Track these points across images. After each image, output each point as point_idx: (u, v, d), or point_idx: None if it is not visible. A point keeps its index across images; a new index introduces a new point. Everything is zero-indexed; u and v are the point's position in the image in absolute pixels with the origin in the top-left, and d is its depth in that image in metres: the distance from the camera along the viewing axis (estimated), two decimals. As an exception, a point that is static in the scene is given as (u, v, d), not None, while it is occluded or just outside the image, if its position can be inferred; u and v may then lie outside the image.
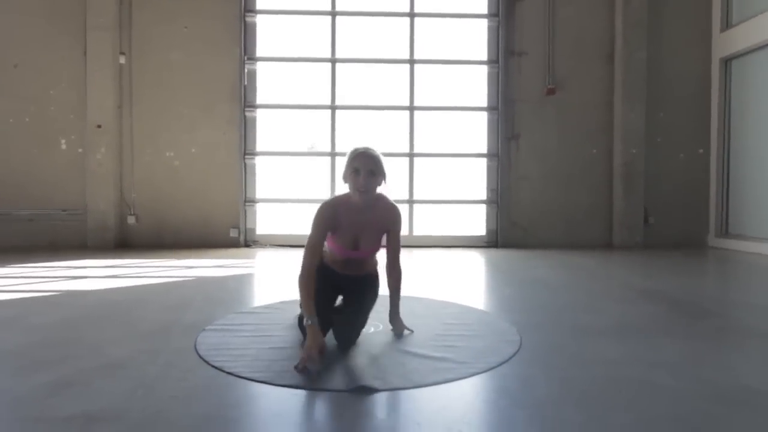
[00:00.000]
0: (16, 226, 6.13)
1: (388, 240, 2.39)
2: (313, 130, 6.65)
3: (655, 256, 5.56)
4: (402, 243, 2.52)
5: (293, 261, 5.23)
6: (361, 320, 2.36)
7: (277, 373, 1.94)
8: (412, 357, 2.14)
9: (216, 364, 2.02)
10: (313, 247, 2.22)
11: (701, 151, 6.66)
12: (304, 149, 6.72)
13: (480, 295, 3.76)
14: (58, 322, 2.67)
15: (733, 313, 3.03)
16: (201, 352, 2.17)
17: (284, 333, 2.50)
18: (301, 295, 2.15)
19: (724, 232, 6.49)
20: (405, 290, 3.43)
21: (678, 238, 6.51)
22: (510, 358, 2.15)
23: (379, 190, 2.29)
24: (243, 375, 1.91)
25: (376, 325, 2.59)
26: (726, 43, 6.44)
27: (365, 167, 2.18)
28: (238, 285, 3.94)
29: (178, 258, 5.23)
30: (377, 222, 2.34)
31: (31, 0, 6.14)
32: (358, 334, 2.33)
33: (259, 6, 6.44)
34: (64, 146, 6.24)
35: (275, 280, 4.19)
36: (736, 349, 2.39)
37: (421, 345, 2.30)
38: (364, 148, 2.25)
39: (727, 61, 6.51)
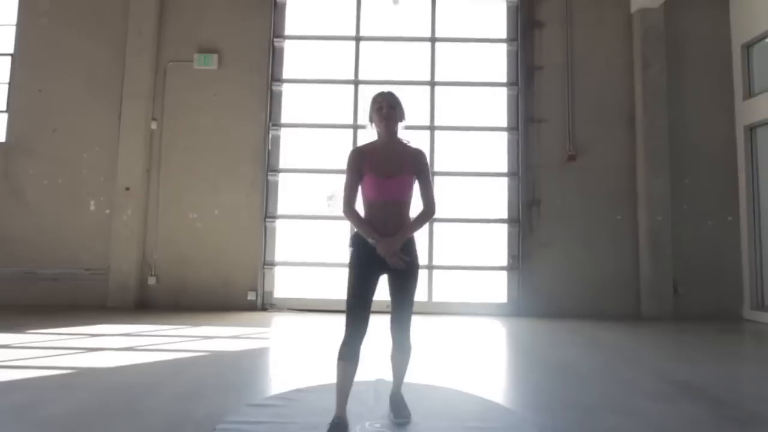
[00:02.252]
0: (40, 284, 6.23)
1: (420, 186, 2.56)
2: (333, 185, 6.76)
3: (688, 332, 5.29)
4: (420, 310, 2.59)
5: (308, 328, 5.14)
6: (412, 294, 2.55)
7: (288, 498, 1.82)
8: (432, 478, 2.00)
9: (225, 482, 1.92)
10: (348, 186, 2.52)
11: (730, 218, 6.47)
12: (324, 203, 6.78)
13: (503, 382, 3.58)
14: (70, 415, 2.61)
15: (781, 419, 2.80)
16: (211, 463, 2.07)
17: (298, 436, 2.38)
18: (354, 225, 2.51)
19: (760, 304, 6.17)
20: (423, 374, 3.31)
21: (710, 310, 6.21)
22: (538, 481, 1.99)
23: (400, 130, 2.57)
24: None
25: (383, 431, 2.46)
26: (749, 111, 6.39)
27: (386, 102, 2.52)
28: (253, 364, 3.85)
29: (195, 324, 5.19)
30: (405, 159, 2.52)
31: (72, 69, 6.53)
32: (411, 312, 2.55)
33: (285, 75, 6.69)
34: (92, 207, 6.42)
35: (290, 356, 4.09)
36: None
37: (441, 459, 2.16)
38: (384, 91, 2.59)
39: (751, 129, 6.43)
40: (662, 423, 2.66)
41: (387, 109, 2.51)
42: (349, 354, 2.41)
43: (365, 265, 2.47)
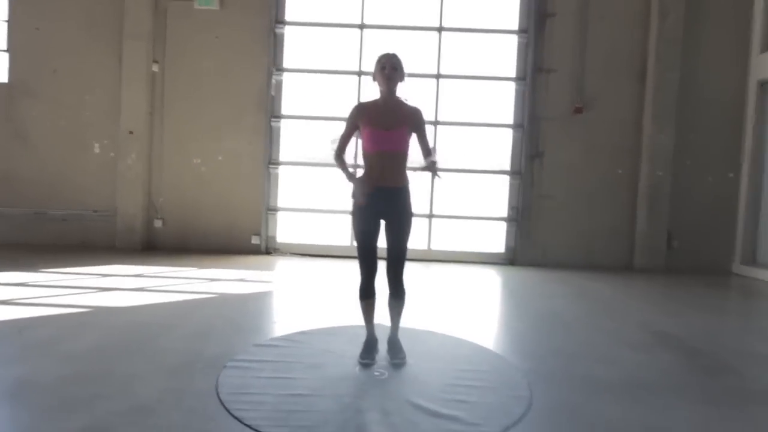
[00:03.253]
0: (50, 225, 6.40)
1: (419, 140, 2.79)
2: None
3: (677, 285, 5.49)
4: (419, 257, 2.85)
5: (310, 273, 5.35)
6: (406, 242, 2.76)
7: (293, 429, 2.03)
8: (423, 414, 2.21)
9: (236, 414, 2.13)
10: (342, 136, 2.82)
11: (731, 175, 6.49)
12: (328, 147, 6.81)
13: (494, 329, 3.79)
14: (89, 350, 2.83)
15: (753, 371, 2.99)
16: (222, 397, 2.28)
17: (303, 375, 2.59)
18: (340, 169, 2.79)
19: (751, 260, 6.33)
20: (420, 318, 3.52)
21: (702, 264, 6.38)
22: (519, 419, 2.19)
23: (400, 90, 2.76)
24: (261, 430, 2.01)
25: (381, 372, 2.67)
26: (764, 65, 6.22)
27: (390, 63, 2.72)
28: (259, 307, 4.06)
29: (201, 266, 5.40)
30: (403, 114, 2.75)
31: (70, 9, 6.33)
32: (404, 257, 2.77)
33: (288, 18, 6.49)
34: (97, 150, 6.46)
35: (293, 300, 4.30)
36: (751, 420, 2.38)
37: (432, 398, 2.37)
38: (388, 52, 2.77)
39: (764, 84, 6.30)
40: (638, 371, 2.87)
41: (389, 70, 2.71)
42: (366, 293, 2.80)
43: (366, 213, 2.72)
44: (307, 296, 4.41)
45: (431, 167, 2.65)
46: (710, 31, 6.38)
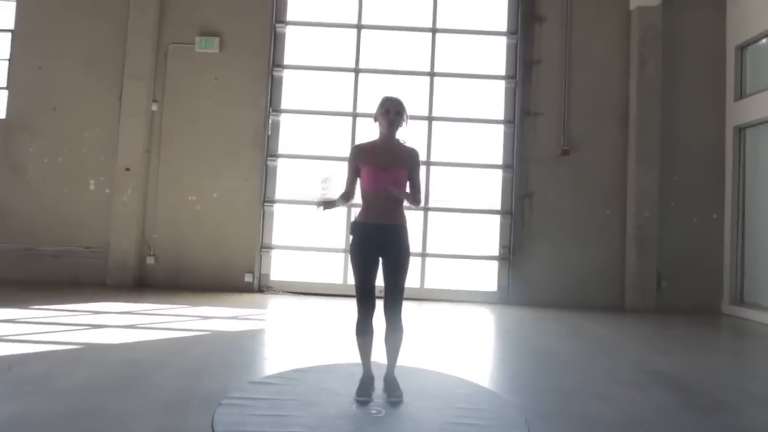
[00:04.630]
0: (41, 260, 6.34)
1: (410, 180, 2.87)
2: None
3: (668, 324, 5.54)
4: (413, 296, 2.85)
5: (304, 311, 5.32)
6: (403, 279, 2.80)
7: (291, 467, 2.00)
8: (422, 453, 2.19)
9: (233, 452, 2.09)
10: (347, 182, 2.88)
11: (715, 216, 6.68)
12: (320, 189, 6.89)
13: (490, 368, 3.78)
14: (81, 387, 2.78)
15: (749, 409, 3.01)
16: (218, 435, 2.25)
17: (299, 413, 2.56)
18: (341, 202, 2.84)
19: (739, 300, 6.43)
20: (416, 358, 3.50)
21: (691, 304, 6.47)
22: (518, 458, 2.18)
23: (400, 132, 2.87)
24: (259, 468, 1.98)
25: (378, 410, 2.65)
26: (739, 111, 6.55)
27: (393, 107, 2.81)
28: (252, 344, 4.02)
29: (194, 304, 5.35)
30: (401, 155, 2.84)
31: (72, 48, 6.53)
32: (402, 295, 2.81)
33: (286, 61, 6.74)
34: (92, 186, 6.50)
35: (287, 338, 4.27)
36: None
37: (431, 436, 2.35)
38: (393, 96, 2.87)
39: (741, 129, 6.61)
40: (635, 409, 2.87)
41: (393, 115, 2.81)
42: (363, 330, 2.80)
43: (364, 250, 2.77)
44: (301, 334, 4.38)
45: (406, 195, 2.78)
46: (688, 79, 6.74)
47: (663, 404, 2.99)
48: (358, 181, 2.87)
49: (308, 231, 6.80)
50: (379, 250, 2.77)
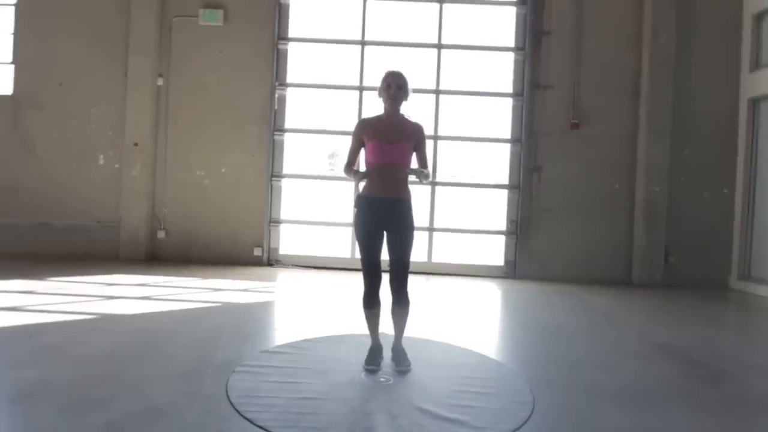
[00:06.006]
0: (54, 235, 6.44)
1: (417, 155, 2.90)
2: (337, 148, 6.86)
3: (675, 298, 5.56)
4: (420, 270, 2.89)
5: (312, 284, 5.40)
6: (408, 253, 2.82)
7: (303, 430, 2.08)
8: (430, 418, 2.26)
9: (247, 416, 2.17)
10: (350, 151, 2.92)
11: (726, 191, 6.61)
12: (327, 165, 6.93)
13: (496, 339, 3.85)
14: (100, 354, 2.87)
15: (749, 380, 3.06)
16: (233, 399, 2.33)
17: (310, 380, 2.64)
18: (351, 176, 2.92)
19: (747, 275, 6.42)
20: (423, 329, 3.57)
21: (699, 279, 6.46)
22: (523, 424, 2.25)
23: (404, 107, 2.88)
24: (273, 431, 2.06)
25: (387, 378, 2.72)
26: (755, 83, 6.40)
27: (395, 82, 2.82)
28: (263, 315, 4.11)
29: (205, 277, 5.44)
30: (405, 129, 2.85)
31: (77, 23, 6.47)
32: (407, 268, 2.83)
33: (291, 34, 6.66)
34: (102, 161, 6.54)
35: (298, 310, 4.35)
36: (747, 426, 2.43)
37: (438, 403, 2.42)
38: (394, 70, 2.87)
39: (755, 102, 6.47)
40: (638, 379, 2.93)
41: (395, 90, 2.82)
42: (370, 303, 2.86)
43: (368, 223, 2.80)
44: (310, 306, 4.46)
45: (418, 172, 2.80)
46: (701, 50, 6.57)
47: (666, 374, 3.05)
48: (363, 154, 2.90)
49: (316, 205, 6.84)
50: (383, 223, 2.80)
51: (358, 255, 2.92)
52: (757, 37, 6.47)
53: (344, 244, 6.61)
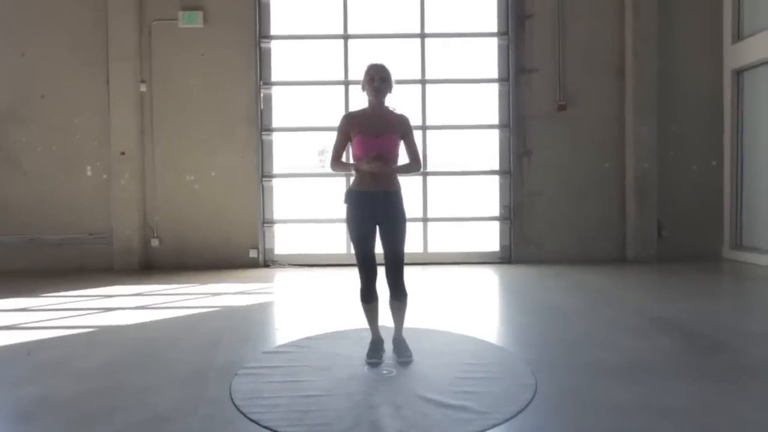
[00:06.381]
0: (45, 250, 6.39)
1: (406, 146, 2.89)
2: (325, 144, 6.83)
3: (669, 272, 5.62)
4: (416, 260, 2.91)
5: (310, 282, 5.40)
6: (401, 245, 2.82)
7: (309, 427, 2.09)
8: (433, 406, 2.28)
9: (252, 417, 2.18)
10: (336, 146, 2.90)
11: (714, 163, 6.67)
12: (317, 161, 6.92)
13: (495, 324, 3.87)
14: (101, 367, 2.86)
15: (746, 348, 3.10)
16: (237, 402, 2.33)
17: (313, 377, 2.65)
18: (341, 169, 2.98)
19: (739, 244, 6.50)
20: (422, 318, 3.58)
21: (692, 251, 6.53)
22: (526, 406, 2.27)
23: (388, 99, 2.87)
24: (279, 430, 2.07)
25: (390, 370, 2.73)
26: (737, 54, 6.44)
27: (378, 74, 2.81)
28: (263, 317, 4.10)
29: (201, 282, 5.43)
30: (392, 122, 2.84)
31: (54, 34, 6.38)
32: (402, 260, 2.83)
33: (273, 32, 6.60)
34: (89, 173, 6.48)
35: (297, 309, 4.35)
36: (746, 392, 2.47)
37: (441, 391, 2.44)
38: (377, 63, 2.85)
39: (738, 73, 6.51)
40: (638, 354, 2.96)
41: (378, 82, 2.80)
42: (368, 297, 2.87)
43: (359, 217, 2.80)
44: (309, 304, 4.46)
45: (402, 169, 2.84)
46: (684, 25, 6.59)
47: (665, 348, 3.08)
48: (350, 149, 2.89)
49: (308, 203, 6.82)
50: (374, 217, 2.79)
51: (353, 250, 2.92)
52: (738, 8, 6.50)
53: (339, 240, 6.61)
